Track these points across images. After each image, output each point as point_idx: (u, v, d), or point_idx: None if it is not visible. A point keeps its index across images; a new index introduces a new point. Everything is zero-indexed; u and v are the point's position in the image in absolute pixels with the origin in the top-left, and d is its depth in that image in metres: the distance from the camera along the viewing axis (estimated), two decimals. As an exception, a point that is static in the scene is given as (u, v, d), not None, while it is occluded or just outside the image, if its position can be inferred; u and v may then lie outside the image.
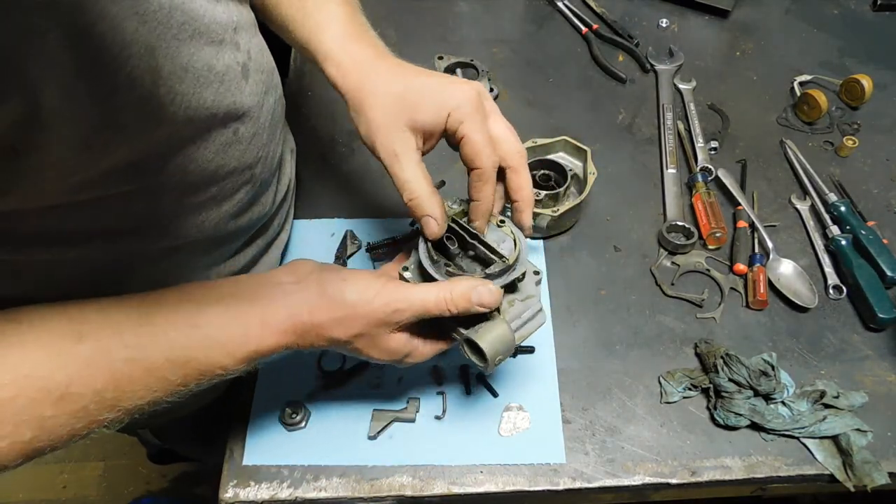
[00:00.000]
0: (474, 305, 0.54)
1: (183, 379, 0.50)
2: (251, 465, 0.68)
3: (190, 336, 0.51)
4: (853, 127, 1.02)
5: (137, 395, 0.49)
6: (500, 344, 0.56)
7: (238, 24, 0.57)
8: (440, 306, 0.54)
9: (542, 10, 1.22)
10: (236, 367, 0.52)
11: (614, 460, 0.70)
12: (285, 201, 0.79)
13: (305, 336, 0.54)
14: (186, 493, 1.72)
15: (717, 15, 1.20)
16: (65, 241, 0.51)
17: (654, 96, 1.07)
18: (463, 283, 0.55)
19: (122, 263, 0.57)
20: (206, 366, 0.51)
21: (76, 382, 0.45)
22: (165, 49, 0.46)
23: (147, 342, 0.49)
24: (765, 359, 0.73)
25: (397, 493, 0.67)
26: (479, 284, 0.55)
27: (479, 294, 0.54)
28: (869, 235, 0.84)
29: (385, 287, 0.55)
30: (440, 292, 0.54)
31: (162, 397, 0.50)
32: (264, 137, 0.65)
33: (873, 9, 1.22)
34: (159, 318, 0.50)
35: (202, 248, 0.64)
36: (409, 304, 0.54)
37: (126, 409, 0.48)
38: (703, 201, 0.89)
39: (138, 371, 0.48)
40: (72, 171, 0.44)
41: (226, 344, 0.51)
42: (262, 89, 0.62)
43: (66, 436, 0.46)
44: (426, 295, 0.54)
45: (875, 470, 0.67)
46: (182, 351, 0.50)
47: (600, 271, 0.85)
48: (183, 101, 0.49)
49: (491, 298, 0.55)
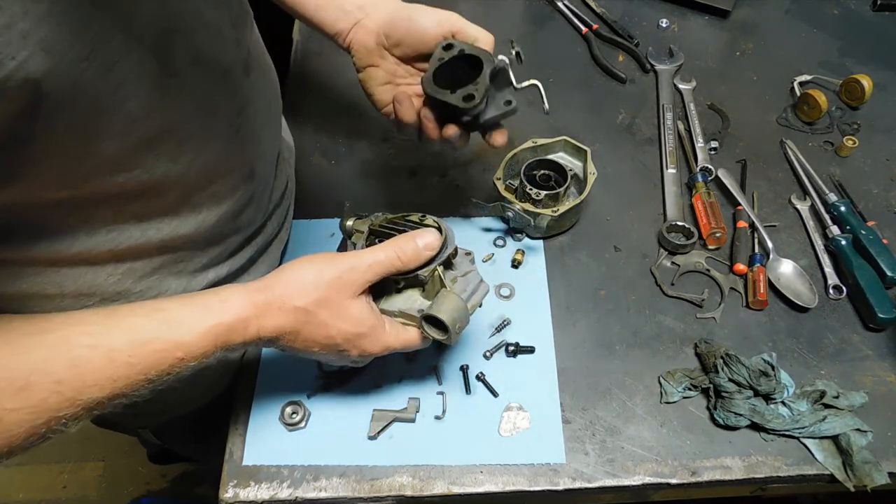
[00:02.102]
0: (420, 249, 0.59)
1: (144, 364, 0.49)
2: (251, 465, 0.68)
3: (152, 317, 0.51)
4: (853, 127, 1.02)
5: (98, 385, 0.48)
6: (456, 312, 0.59)
7: (238, 20, 0.58)
8: (390, 256, 0.59)
9: (542, 10, 1.22)
10: (198, 344, 0.52)
11: (614, 460, 0.70)
12: (283, 200, 0.80)
13: (268, 309, 0.55)
14: (186, 493, 1.72)
15: (717, 15, 1.20)
16: (65, 238, 0.51)
17: (654, 96, 1.07)
18: (405, 235, 0.61)
19: (121, 260, 0.57)
20: (166, 344, 0.50)
21: (38, 372, 0.45)
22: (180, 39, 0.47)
23: (110, 329, 0.49)
24: (765, 359, 0.73)
25: (397, 493, 0.67)
26: (419, 232, 0.61)
27: (423, 238, 0.60)
28: (869, 235, 0.84)
29: (336, 255, 0.59)
30: (387, 246, 0.59)
31: (123, 390, 0.49)
32: (263, 135, 0.65)
33: (873, 9, 1.22)
34: (123, 310, 0.52)
35: (201, 247, 0.64)
36: (360, 261, 0.58)
37: (85, 403, 0.47)
38: (703, 201, 0.89)
39: (99, 357, 0.48)
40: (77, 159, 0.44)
41: (186, 321, 0.52)
42: (260, 86, 0.63)
43: (24, 434, 0.45)
44: (375, 251, 0.59)
45: (875, 470, 0.67)
46: (143, 332, 0.50)
47: (600, 271, 0.85)
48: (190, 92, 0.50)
49: (432, 237, 0.60)
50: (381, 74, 0.72)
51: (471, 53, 0.67)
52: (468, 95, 0.65)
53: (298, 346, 0.58)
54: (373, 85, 0.72)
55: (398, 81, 0.73)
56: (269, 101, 0.67)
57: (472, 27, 0.69)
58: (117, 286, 0.59)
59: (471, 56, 0.67)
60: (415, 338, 0.63)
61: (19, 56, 0.35)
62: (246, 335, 0.54)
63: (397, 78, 0.73)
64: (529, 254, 0.86)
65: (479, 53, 0.66)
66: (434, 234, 0.61)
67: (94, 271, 0.56)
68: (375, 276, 0.58)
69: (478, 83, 0.65)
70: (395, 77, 0.73)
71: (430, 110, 0.69)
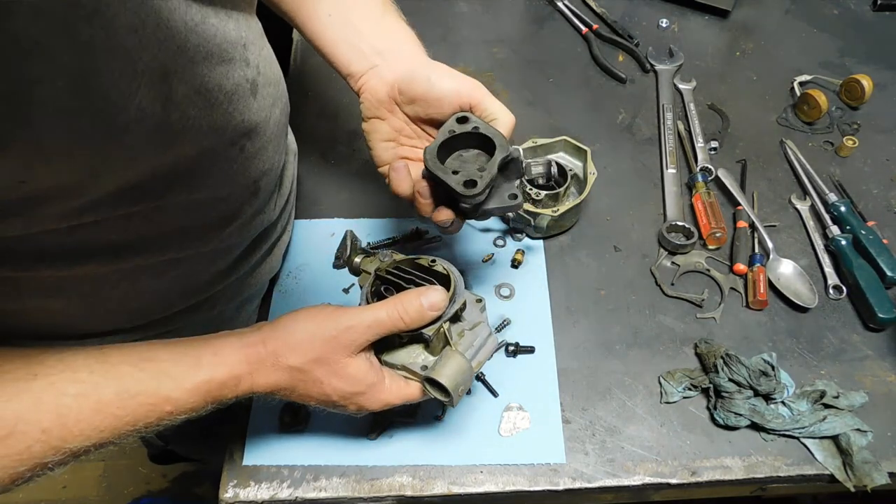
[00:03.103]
0: (425, 310, 0.56)
1: (132, 416, 0.49)
2: (251, 465, 0.68)
3: (142, 368, 0.50)
4: (853, 127, 1.02)
5: (84, 434, 0.47)
6: (459, 375, 0.57)
7: (247, 39, 0.55)
8: (392, 317, 0.55)
9: (542, 10, 1.22)
10: (187, 400, 0.51)
11: (614, 460, 0.70)
12: (287, 205, 0.79)
13: (261, 366, 0.53)
14: (186, 493, 1.72)
15: (717, 15, 1.20)
16: (67, 257, 0.51)
17: (654, 96, 1.07)
18: (410, 293, 0.57)
19: (125, 276, 0.57)
20: (154, 398, 0.49)
21: (24, 421, 0.44)
22: (181, 73, 0.45)
23: (98, 378, 0.48)
24: (765, 359, 0.73)
25: (397, 493, 0.67)
26: (424, 291, 0.57)
27: (428, 298, 0.56)
28: (869, 235, 0.84)
29: (336, 310, 0.56)
30: (389, 304, 0.56)
31: (109, 439, 0.49)
32: (269, 150, 0.64)
33: (873, 9, 1.22)
34: (115, 356, 0.50)
35: (207, 259, 0.64)
36: (360, 320, 0.55)
37: (71, 450, 0.47)
38: (703, 201, 0.89)
39: (87, 408, 0.47)
40: (76, 196, 0.44)
41: (176, 375, 0.51)
42: (269, 103, 0.61)
43: (7, 478, 0.45)
44: (377, 309, 0.56)
45: (875, 470, 0.67)
46: (132, 383, 0.49)
47: (600, 271, 0.85)
48: (194, 125, 0.48)
49: (439, 297, 0.56)
50: (385, 129, 0.67)
51: (485, 133, 0.60)
52: (470, 181, 0.58)
53: (294, 398, 0.58)
54: (375, 139, 0.67)
55: (403, 141, 0.68)
56: (278, 117, 0.64)
57: (494, 103, 0.63)
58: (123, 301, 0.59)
59: (484, 136, 0.60)
60: (416, 394, 0.60)
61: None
62: (238, 391, 0.54)
63: (402, 136, 0.68)
64: (529, 254, 0.86)
65: (493, 136, 0.60)
66: (440, 293, 0.57)
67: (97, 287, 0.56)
68: (375, 336, 0.56)
69: (484, 170, 0.59)
70: (400, 135, 0.67)
71: (427, 185, 0.62)
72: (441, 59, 0.82)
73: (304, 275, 0.84)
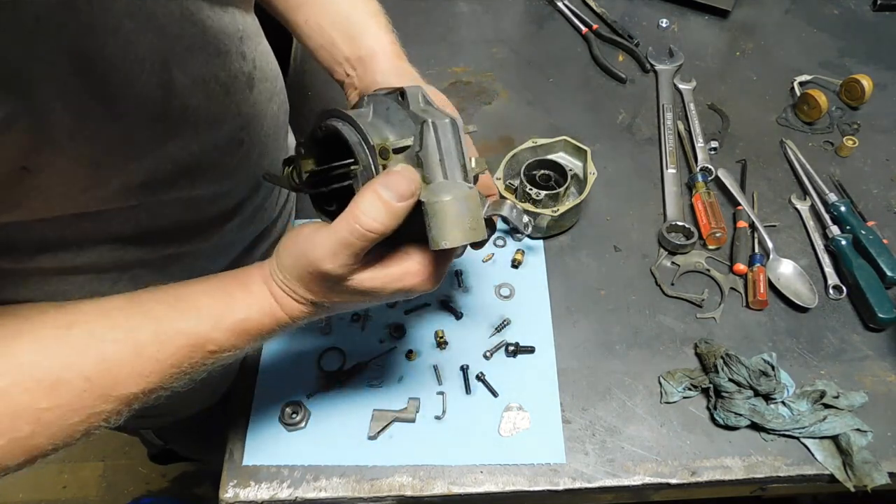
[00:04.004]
0: (394, 205, 0.43)
1: (174, 358, 0.47)
2: (251, 465, 0.68)
3: (175, 307, 0.48)
4: (853, 127, 1.02)
5: (130, 380, 0.46)
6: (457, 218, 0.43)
7: (244, 34, 0.56)
8: (356, 233, 0.43)
9: (542, 10, 1.22)
10: (227, 339, 0.49)
11: (614, 460, 0.70)
12: (287, 204, 0.80)
13: (284, 299, 0.48)
14: (186, 493, 1.72)
15: (717, 15, 1.20)
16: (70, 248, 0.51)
17: (654, 96, 1.07)
18: (364, 192, 0.43)
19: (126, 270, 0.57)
20: (194, 338, 0.48)
21: (67, 369, 0.44)
22: (179, 62, 0.46)
23: (135, 322, 0.47)
24: (765, 359, 0.73)
25: (397, 493, 0.67)
26: (378, 182, 0.43)
27: (388, 188, 0.43)
28: (869, 235, 0.84)
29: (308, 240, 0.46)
30: (346, 219, 0.43)
31: (158, 384, 0.47)
32: (269, 146, 0.64)
33: (873, 9, 1.22)
34: (146, 298, 0.49)
35: (207, 255, 0.64)
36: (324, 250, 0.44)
37: (121, 398, 0.46)
38: (703, 201, 0.89)
39: (127, 352, 0.46)
40: (81, 187, 0.44)
41: (213, 314, 0.48)
42: (266, 97, 0.62)
43: (64, 432, 0.45)
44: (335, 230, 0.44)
45: (875, 470, 0.67)
46: (169, 323, 0.47)
47: (600, 271, 0.85)
48: (192, 115, 0.49)
49: (403, 182, 0.43)
50: None
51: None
52: None
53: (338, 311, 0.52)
54: None
55: None
56: (276, 113, 0.65)
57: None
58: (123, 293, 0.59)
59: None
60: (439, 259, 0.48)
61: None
62: (277, 325, 0.50)
63: None
64: (529, 254, 0.86)
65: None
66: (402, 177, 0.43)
67: (99, 279, 0.56)
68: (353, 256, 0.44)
69: None
70: None
71: None
72: (441, 59, 0.82)
73: (304, 275, 0.84)
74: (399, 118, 0.47)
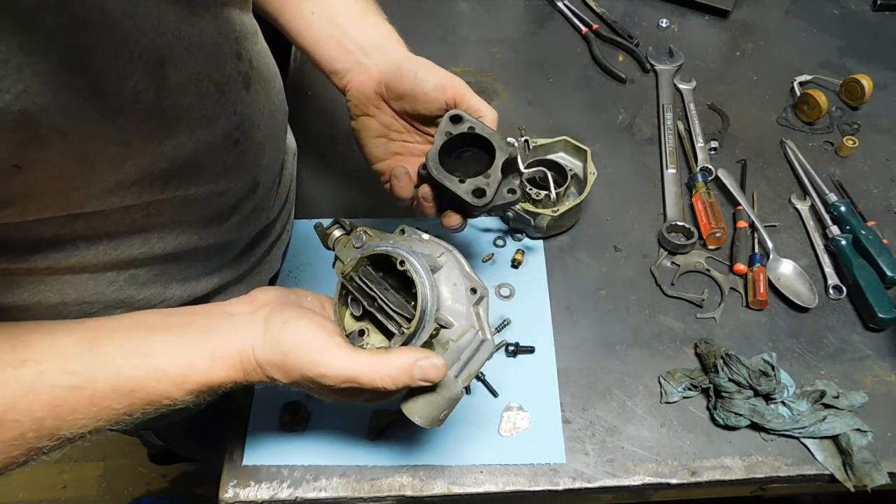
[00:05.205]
0: (415, 378, 0.49)
1: (128, 408, 0.48)
2: (251, 465, 0.68)
3: (138, 366, 0.48)
4: (853, 127, 1.02)
5: (79, 423, 0.46)
6: (434, 410, 0.51)
7: (240, 33, 0.56)
8: (372, 379, 0.48)
9: (542, 10, 1.22)
10: (184, 397, 0.50)
11: (614, 460, 0.70)
12: (286, 204, 0.79)
13: (252, 373, 0.51)
14: (186, 494, 1.72)
15: (717, 15, 1.20)
16: (65, 248, 0.51)
17: (654, 96, 1.07)
18: (402, 353, 0.49)
19: (122, 269, 0.57)
20: (152, 396, 0.49)
21: (13, 409, 0.44)
22: (176, 61, 0.46)
23: (94, 371, 0.47)
24: (765, 359, 0.73)
25: (397, 493, 0.67)
26: (421, 357, 0.49)
27: (423, 369, 0.48)
28: (869, 235, 0.84)
29: (320, 346, 0.50)
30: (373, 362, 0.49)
31: (105, 426, 0.48)
32: (266, 146, 0.64)
33: (873, 9, 1.22)
34: (108, 346, 0.48)
35: (204, 255, 0.64)
36: (336, 372, 0.49)
37: (66, 437, 0.46)
38: (703, 201, 0.89)
39: (82, 400, 0.46)
40: (74, 185, 0.44)
41: (174, 376, 0.49)
42: (263, 97, 0.61)
43: (1, 464, 0.45)
44: (357, 364, 0.49)
45: (875, 470, 0.67)
46: (128, 380, 0.48)
47: (600, 271, 0.85)
48: (186, 113, 0.49)
49: (436, 373, 0.49)
50: (375, 126, 0.66)
51: (481, 134, 0.60)
52: (478, 190, 0.58)
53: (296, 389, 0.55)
54: (366, 136, 0.67)
55: (393, 136, 0.68)
56: (273, 113, 0.65)
57: (475, 98, 0.63)
58: (120, 294, 0.58)
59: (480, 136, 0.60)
60: None
61: (14, 89, 0.34)
62: (236, 385, 0.52)
63: (392, 132, 0.67)
64: (529, 254, 0.86)
65: (491, 137, 0.59)
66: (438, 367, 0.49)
67: (95, 279, 0.56)
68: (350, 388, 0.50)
69: (489, 176, 0.59)
70: (390, 131, 0.67)
71: (431, 189, 0.62)
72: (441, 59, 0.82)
73: (304, 275, 0.84)
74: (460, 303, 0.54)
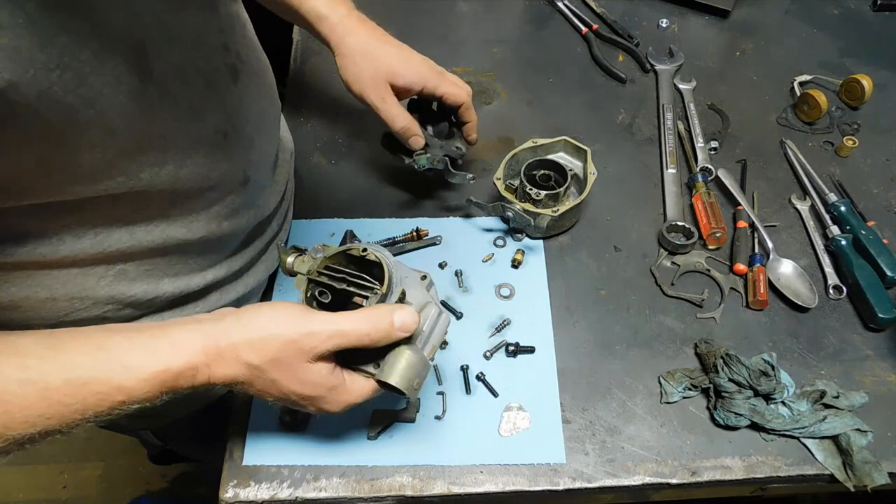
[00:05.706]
0: (395, 329, 0.53)
1: (81, 404, 0.47)
2: (251, 465, 0.68)
3: (95, 357, 0.48)
4: (853, 127, 1.02)
5: (29, 422, 0.45)
6: (411, 371, 0.55)
7: (226, 25, 0.57)
8: (358, 331, 0.52)
9: (542, 10, 1.22)
10: (141, 389, 0.49)
11: (614, 460, 0.70)
12: (283, 202, 0.79)
13: (219, 359, 0.51)
14: (186, 494, 1.72)
15: (717, 15, 1.20)
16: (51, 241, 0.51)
17: (654, 96, 1.07)
18: (382, 308, 0.54)
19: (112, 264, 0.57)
20: (106, 387, 0.47)
21: None
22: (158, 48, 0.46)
23: (48, 366, 0.46)
24: (765, 359, 0.73)
25: (397, 493, 0.67)
26: (398, 308, 0.54)
27: (401, 317, 0.53)
28: (869, 235, 0.84)
29: (303, 312, 0.53)
30: (357, 317, 0.53)
31: (56, 427, 0.47)
32: (257, 140, 0.64)
33: (873, 9, 1.22)
34: (68, 343, 0.48)
35: (195, 250, 0.63)
36: (322, 328, 0.52)
37: (14, 438, 0.45)
38: (703, 201, 0.89)
39: (32, 394, 0.45)
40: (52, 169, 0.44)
41: (130, 365, 0.48)
42: (252, 91, 0.61)
43: None
44: (342, 321, 0.53)
45: (875, 470, 0.67)
46: (83, 371, 0.47)
47: (600, 271, 0.85)
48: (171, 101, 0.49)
49: (411, 318, 0.54)
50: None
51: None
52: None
53: (252, 393, 0.55)
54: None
55: None
56: (263, 107, 0.65)
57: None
58: (110, 289, 0.58)
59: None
60: (369, 392, 0.58)
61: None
62: (195, 382, 0.51)
63: None
64: (529, 254, 0.86)
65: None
66: (413, 314, 0.54)
67: (84, 274, 0.55)
68: (336, 347, 0.53)
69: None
70: None
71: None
72: (441, 59, 0.82)
73: (304, 275, 0.84)
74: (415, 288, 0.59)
